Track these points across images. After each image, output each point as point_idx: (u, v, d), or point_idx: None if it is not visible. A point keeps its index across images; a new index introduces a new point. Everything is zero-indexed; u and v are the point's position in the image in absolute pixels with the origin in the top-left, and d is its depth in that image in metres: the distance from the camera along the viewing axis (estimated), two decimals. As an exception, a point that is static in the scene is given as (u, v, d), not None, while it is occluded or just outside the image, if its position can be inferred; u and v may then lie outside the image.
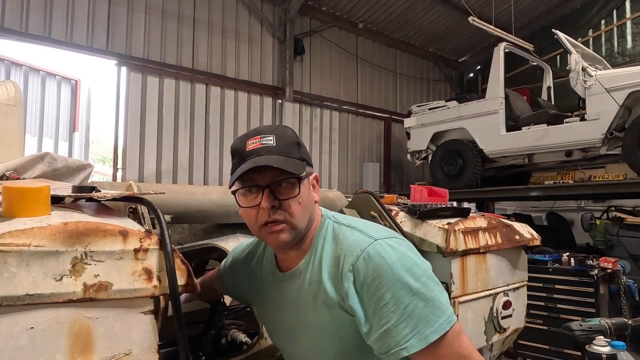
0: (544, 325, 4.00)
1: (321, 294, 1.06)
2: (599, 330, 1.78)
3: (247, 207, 1.07)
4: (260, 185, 1.04)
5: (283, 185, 1.04)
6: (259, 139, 1.06)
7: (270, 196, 1.03)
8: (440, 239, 2.11)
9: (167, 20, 6.60)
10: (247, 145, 1.06)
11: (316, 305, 1.07)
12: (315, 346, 1.12)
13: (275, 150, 1.04)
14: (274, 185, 1.04)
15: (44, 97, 7.41)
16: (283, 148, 1.06)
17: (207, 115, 6.93)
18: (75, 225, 0.88)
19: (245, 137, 1.09)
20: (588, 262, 4.00)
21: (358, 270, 0.99)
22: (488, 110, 6.36)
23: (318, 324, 1.08)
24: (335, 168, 8.54)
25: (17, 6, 5.43)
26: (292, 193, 1.05)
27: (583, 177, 6.79)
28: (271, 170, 1.02)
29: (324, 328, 1.08)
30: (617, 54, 8.87)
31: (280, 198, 1.04)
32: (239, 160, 1.06)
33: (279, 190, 1.04)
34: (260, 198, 1.04)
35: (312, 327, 1.11)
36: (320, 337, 1.10)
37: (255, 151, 1.04)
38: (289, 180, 1.05)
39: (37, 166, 1.70)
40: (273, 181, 1.03)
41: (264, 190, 1.03)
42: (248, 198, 1.06)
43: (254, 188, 1.05)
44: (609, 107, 5.15)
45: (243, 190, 1.07)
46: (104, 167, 13.02)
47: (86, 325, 0.88)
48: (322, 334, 1.09)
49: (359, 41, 9.04)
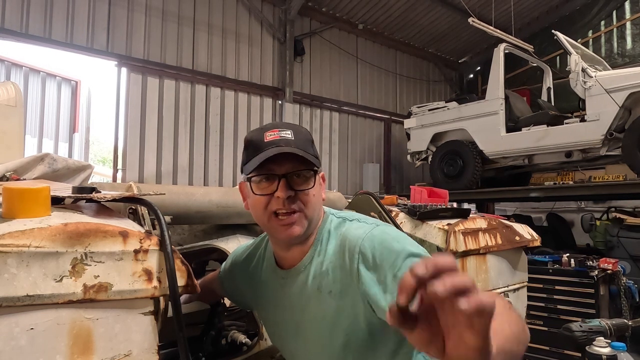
0: (544, 326, 3.99)
1: (327, 284, 1.07)
2: (599, 331, 1.78)
3: (260, 194, 1.07)
4: (278, 174, 1.05)
5: (300, 176, 1.06)
6: (278, 131, 1.08)
7: (286, 186, 1.04)
8: (441, 239, 2.11)
9: (167, 21, 6.60)
10: (265, 136, 1.07)
11: (321, 297, 1.08)
12: (319, 341, 1.11)
13: (293, 144, 1.06)
14: (290, 175, 1.05)
15: (44, 98, 7.40)
16: (300, 143, 1.07)
17: (207, 116, 6.93)
18: (76, 226, 0.88)
19: (262, 129, 1.10)
20: (588, 263, 3.99)
21: (365, 249, 1.00)
22: (488, 111, 6.36)
23: (323, 316, 1.08)
24: (335, 169, 8.54)
25: (17, 7, 5.43)
26: (307, 185, 1.07)
27: (583, 178, 6.80)
28: (289, 162, 1.04)
29: (328, 320, 1.07)
30: (616, 55, 8.88)
31: (297, 189, 1.06)
32: (255, 151, 1.07)
33: (295, 181, 1.06)
34: (275, 186, 1.05)
35: (316, 320, 1.10)
36: (325, 331, 1.09)
37: (275, 142, 1.05)
38: (306, 173, 1.07)
39: (37, 167, 1.70)
40: (290, 172, 1.05)
41: (281, 180, 1.04)
42: (262, 186, 1.07)
43: (271, 177, 1.06)
44: (609, 108, 5.15)
45: (258, 179, 1.07)
46: (104, 168, 13.01)
47: (86, 326, 0.88)
48: (327, 327, 1.08)
49: (359, 42, 9.05)
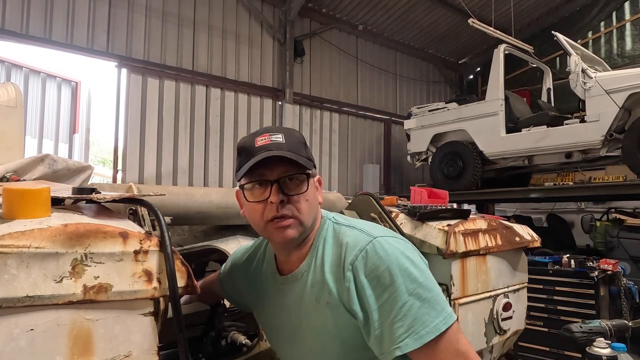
0: (544, 327, 3.98)
1: (324, 295, 1.05)
2: (599, 332, 1.78)
3: (254, 201, 1.05)
4: (269, 180, 1.03)
5: (292, 180, 1.04)
6: (268, 136, 1.06)
7: (279, 191, 1.03)
8: (440, 240, 2.11)
9: (168, 22, 6.61)
10: (256, 141, 1.06)
11: (319, 307, 1.06)
12: (316, 349, 1.11)
13: (285, 147, 1.04)
14: (283, 180, 1.03)
15: (44, 98, 7.41)
16: (292, 146, 1.05)
17: (207, 116, 6.93)
18: (76, 227, 0.88)
19: (253, 135, 1.09)
20: (588, 264, 3.99)
21: (357, 269, 0.99)
22: (488, 112, 6.36)
23: (321, 325, 1.07)
24: (335, 170, 8.54)
25: (17, 8, 5.44)
26: (300, 189, 1.05)
27: (583, 179, 6.81)
28: (281, 166, 1.03)
29: (326, 330, 1.06)
30: (616, 56, 8.88)
31: (289, 193, 1.04)
32: (247, 156, 1.05)
33: (287, 185, 1.04)
34: (268, 193, 1.03)
35: (314, 329, 1.09)
36: (322, 339, 1.08)
37: (265, 147, 1.04)
38: (298, 177, 1.05)
39: (37, 168, 1.70)
40: (282, 176, 1.03)
41: (273, 185, 1.03)
42: (255, 193, 1.05)
43: (263, 183, 1.04)
44: (609, 109, 5.15)
45: (250, 185, 1.06)
46: (104, 168, 13.01)
47: (86, 327, 0.88)
48: (325, 336, 1.07)
49: (359, 43, 9.06)
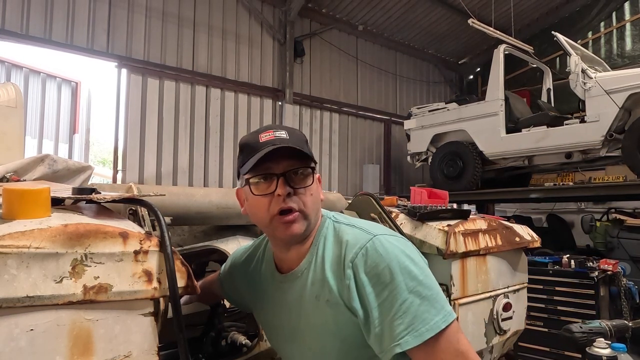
0: (544, 327, 3.99)
1: (325, 293, 1.05)
2: (599, 332, 1.77)
3: (259, 194, 1.06)
4: (276, 173, 1.05)
5: (298, 174, 1.06)
6: (272, 132, 1.08)
7: (285, 184, 1.04)
8: (440, 240, 2.11)
9: (168, 22, 6.61)
10: (260, 137, 1.07)
11: (319, 305, 1.07)
12: (316, 347, 1.11)
13: (289, 142, 1.06)
14: (288, 174, 1.05)
15: (45, 99, 7.41)
16: (295, 142, 1.07)
17: (207, 117, 6.93)
18: (76, 227, 0.88)
19: (256, 132, 1.11)
20: (588, 264, 3.99)
21: (357, 267, 0.99)
22: (488, 112, 6.36)
23: (321, 324, 1.07)
24: (335, 170, 8.54)
25: (17, 8, 5.44)
26: (306, 182, 1.07)
27: (583, 179, 6.81)
28: (286, 161, 1.05)
29: (326, 328, 1.06)
30: (616, 56, 8.89)
31: (295, 187, 1.05)
32: (251, 152, 1.06)
33: (293, 179, 1.06)
34: (274, 186, 1.05)
35: (314, 328, 1.09)
36: (323, 338, 1.08)
37: (271, 142, 1.06)
38: (304, 171, 1.07)
39: (37, 168, 1.70)
40: (288, 169, 1.05)
41: (279, 178, 1.04)
42: (261, 187, 1.07)
43: (269, 176, 1.05)
44: (609, 109, 5.15)
45: (256, 179, 1.07)
46: (104, 169, 13.02)
47: (86, 327, 0.88)
48: (325, 334, 1.07)
49: (359, 43, 9.06)
